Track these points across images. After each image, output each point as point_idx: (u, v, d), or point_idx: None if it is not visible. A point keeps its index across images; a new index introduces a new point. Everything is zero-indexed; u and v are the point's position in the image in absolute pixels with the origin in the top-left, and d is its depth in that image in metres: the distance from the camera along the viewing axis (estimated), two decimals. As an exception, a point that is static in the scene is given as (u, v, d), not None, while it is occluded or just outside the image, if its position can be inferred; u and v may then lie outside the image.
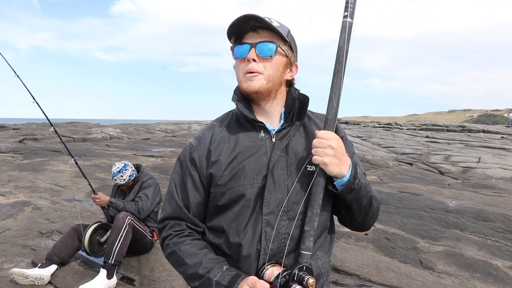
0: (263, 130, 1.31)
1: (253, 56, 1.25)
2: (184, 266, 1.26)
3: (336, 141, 1.18)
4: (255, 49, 1.25)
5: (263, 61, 1.26)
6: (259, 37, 1.27)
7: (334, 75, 1.23)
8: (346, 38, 1.23)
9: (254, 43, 1.26)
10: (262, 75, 1.26)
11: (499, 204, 6.57)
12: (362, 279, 3.63)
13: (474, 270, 3.93)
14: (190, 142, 1.39)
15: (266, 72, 1.27)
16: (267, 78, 1.27)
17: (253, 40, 1.27)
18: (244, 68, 1.28)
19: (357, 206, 1.26)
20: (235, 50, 1.30)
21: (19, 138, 17.14)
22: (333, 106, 1.22)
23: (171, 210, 1.34)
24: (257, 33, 1.27)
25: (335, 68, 1.23)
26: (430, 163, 12.00)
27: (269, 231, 1.21)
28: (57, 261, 3.48)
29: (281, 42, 1.28)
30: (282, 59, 1.30)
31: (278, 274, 1.12)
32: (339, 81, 1.22)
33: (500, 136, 24.48)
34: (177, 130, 25.42)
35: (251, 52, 1.25)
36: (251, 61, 1.25)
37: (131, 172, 3.95)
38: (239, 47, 1.29)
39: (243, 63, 1.28)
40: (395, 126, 33.29)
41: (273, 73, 1.28)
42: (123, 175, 3.89)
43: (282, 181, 1.25)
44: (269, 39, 1.26)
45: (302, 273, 1.11)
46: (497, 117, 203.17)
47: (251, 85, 1.26)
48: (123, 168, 3.90)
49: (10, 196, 6.36)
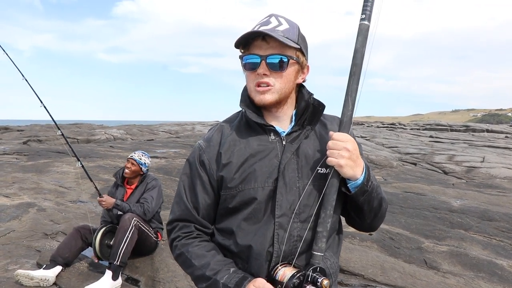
0: (273, 132, 1.30)
1: (264, 71, 1.23)
2: (192, 268, 1.26)
3: (351, 144, 1.18)
4: (266, 62, 1.23)
5: (274, 74, 1.24)
6: (269, 48, 1.23)
7: (350, 77, 1.22)
8: (362, 41, 1.22)
9: (264, 56, 1.23)
10: (273, 87, 1.25)
11: (504, 203, 6.54)
12: (367, 279, 3.62)
13: (479, 270, 3.91)
14: (199, 144, 1.37)
15: (277, 85, 1.25)
16: (279, 91, 1.26)
17: (263, 52, 1.23)
18: (254, 80, 1.26)
19: (368, 208, 1.26)
20: (244, 61, 1.28)
21: (23, 140, 17.19)
22: (349, 108, 1.22)
23: (180, 212, 1.34)
24: (266, 42, 1.23)
25: (351, 70, 1.22)
26: (434, 163, 11.96)
27: (281, 234, 1.21)
28: (62, 262, 3.49)
29: (292, 51, 1.25)
30: (294, 68, 1.28)
31: (292, 275, 1.12)
32: (355, 84, 1.22)
33: (504, 135, 24.38)
34: (181, 131, 25.45)
35: (262, 65, 1.23)
36: (262, 75, 1.24)
37: (147, 162, 4.07)
38: (248, 58, 1.26)
39: (253, 74, 1.26)
40: (399, 126, 33.21)
41: (285, 85, 1.26)
42: (141, 157, 4.00)
43: (293, 184, 1.24)
44: (279, 51, 1.23)
45: (316, 274, 1.12)
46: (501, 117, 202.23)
47: (263, 100, 1.25)
48: (145, 154, 4.07)
49: (15, 197, 6.39)
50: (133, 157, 3.98)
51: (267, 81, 1.24)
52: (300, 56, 1.28)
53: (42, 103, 3.81)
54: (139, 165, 3.97)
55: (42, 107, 3.82)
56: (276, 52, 1.23)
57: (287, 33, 1.23)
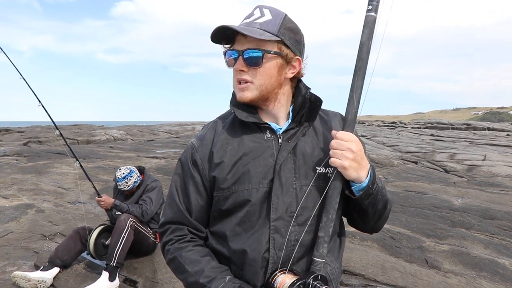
0: (268, 130, 1.23)
1: (241, 66, 1.18)
2: (185, 274, 1.20)
3: (356, 144, 1.12)
4: (242, 57, 1.18)
5: (252, 70, 1.19)
6: (246, 42, 1.17)
7: (355, 72, 1.16)
8: (369, 34, 1.15)
9: (241, 51, 1.17)
10: (252, 84, 1.19)
11: (505, 202, 6.49)
12: (367, 279, 3.59)
13: (481, 269, 3.87)
14: (191, 142, 1.31)
15: (256, 82, 1.19)
16: (258, 88, 1.20)
17: (241, 47, 1.18)
18: (235, 76, 1.22)
19: (373, 210, 1.21)
20: (226, 56, 1.24)
21: (23, 141, 17.19)
22: (354, 105, 1.15)
23: (172, 214, 1.29)
24: (244, 37, 1.17)
25: (356, 66, 1.16)
26: (435, 162, 11.91)
27: (277, 238, 1.15)
28: (60, 264, 3.47)
29: (271, 44, 1.17)
30: (275, 62, 1.19)
31: (292, 283, 1.06)
32: (360, 80, 1.15)
33: (506, 133, 24.32)
34: (181, 131, 25.45)
35: (239, 61, 1.18)
36: (239, 71, 1.19)
37: (136, 178, 3.89)
38: (229, 54, 1.22)
39: (235, 70, 1.22)
40: (400, 124, 33.17)
41: (265, 81, 1.19)
42: (127, 182, 3.83)
43: (290, 185, 1.18)
44: (256, 44, 1.16)
45: (316, 282, 1.05)
46: (503, 115, 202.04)
47: (243, 97, 1.21)
48: (128, 175, 3.84)
49: (14, 198, 6.36)
50: (123, 189, 3.86)
51: (245, 77, 1.19)
52: (283, 49, 1.19)
53: (40, 102, 3.77)
54: (132, 188, 3.89)
55: (40, 106, 3.79)
56: (252, 47, 1.16)
57: (265, 25, 1.16)
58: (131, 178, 3.84)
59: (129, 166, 3.98)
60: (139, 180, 3.94)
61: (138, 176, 3.94)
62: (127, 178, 3.83)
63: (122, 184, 3.82)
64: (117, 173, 3.86)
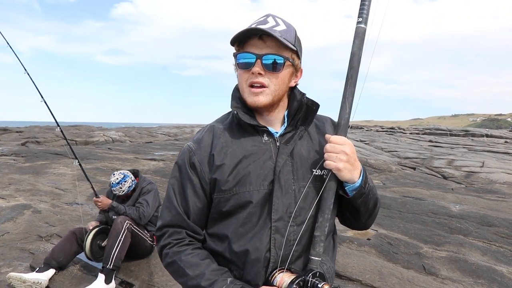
0: (266, 133, 1.26)
1: (259, 70, 1.18)
2: (185, 277, 1.20)
3: (349, 147, 1.17)
4: (261, 62, 1.18)
5: (269, 75, 1.20)
6: (265, 47, 1.19)
7: (347, 80, 1.22)
8: (359, 44, 1.22)
9: (260, 55, 1.18)
10: (268, 89, 1.21)
11: (503, 209, 6.49)
12: (364, 284, 3.57)
13: (478, 276, 3.86)
14: (188, 146, 1.31)
15: (272, 87, 1.21)
16: (273, 93, 1.22)
17: (259, 51, 1.19)
18: (248, 79, 1.22)
19: (365, 208, 1.27)
20: (238, 59, 1.23)
21: (22, 141, 17.15)
22: (346, 111, 1.21)
23: (170, 218, 1.28)
24: (263, 41, 1.19)
25: (348, 74, 1.22)
26: (433, 168, 11.93)
27: (278, 238, 1.18)
28: (55, 265, 3.45)
29: (289, 52, 1.21)
30: (289, 70, 1.24)
31: (291, 281, 1.09)
32: (352, 87, 1.21)
33: (504, 140, 24.39)
34: (180, 134, 25.44)
35: (257, 65, 1.18)
36: (257, 74, 1.19)
37: (130, 183, 3.87)
38: (243, 57, 1.21)
39: (247, 73, 1.21)
40: (398, 130, 33.22)
41: (279, 87, 1.23)
42: (122, 187, 3.80)
43: (289, 186, 1.22)
44: (276, 50, 1.19)
45: (315, 279, 1.09)
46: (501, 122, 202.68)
47: (257, 101, 1.21)
48: (122, 180, 3.81)
49: (10, 199, 6.34)
50: (118, 193, 3.83)
51: (262, 81, 1.20)
52: (295, 59, 1.25)
53: (42, 98, 3.76)
54: (126, 193, 3.86)
55: (42, 101, 3.78)
56: (272, 52, 1.19)
57: (284, 34, 1.19)
58: (125, 183, 3.82)
59: (123, 170, 3.95)
60: (134, 184, 3.92)
61: (132, 180, 3.91)
62: (121, 183, 3.80)
63: (117, 190, 3.80)
64: (111, 179, 3.84)
